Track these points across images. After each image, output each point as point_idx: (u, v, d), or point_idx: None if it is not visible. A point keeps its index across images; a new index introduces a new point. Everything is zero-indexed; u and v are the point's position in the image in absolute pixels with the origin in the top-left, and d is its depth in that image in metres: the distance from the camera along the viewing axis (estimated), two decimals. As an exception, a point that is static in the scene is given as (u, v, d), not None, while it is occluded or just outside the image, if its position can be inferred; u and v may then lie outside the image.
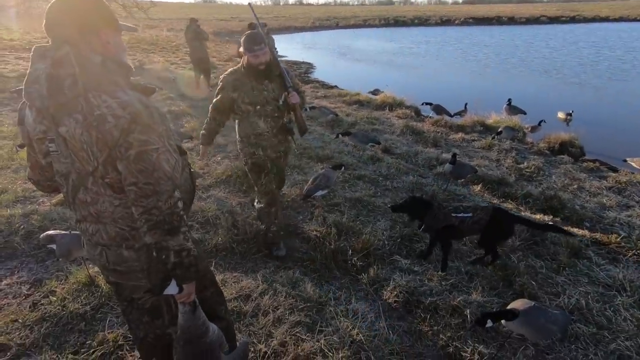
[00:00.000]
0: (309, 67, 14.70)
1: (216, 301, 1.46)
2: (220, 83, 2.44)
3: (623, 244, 2.91)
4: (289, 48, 7.14)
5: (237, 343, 1.55)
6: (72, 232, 2.22)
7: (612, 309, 2.19)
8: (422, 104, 7.30)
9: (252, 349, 1.83)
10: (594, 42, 20.99)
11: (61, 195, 3.40)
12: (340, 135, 5.06)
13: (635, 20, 38.20)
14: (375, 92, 8.91)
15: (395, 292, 2.27)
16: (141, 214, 0.99)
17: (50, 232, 2.24)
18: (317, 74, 13.19)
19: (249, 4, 2.92)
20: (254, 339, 1.92)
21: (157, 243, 1.01)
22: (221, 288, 1.59)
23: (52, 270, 2.45)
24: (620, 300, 2.25)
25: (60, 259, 2.36)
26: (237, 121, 2.54)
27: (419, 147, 5.25)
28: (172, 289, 1.04)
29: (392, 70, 14.29)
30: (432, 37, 25.91)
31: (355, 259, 2.58)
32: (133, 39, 16.84)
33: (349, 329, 2.01)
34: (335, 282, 2.44)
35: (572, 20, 39.07)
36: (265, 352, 1.83)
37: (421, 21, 39.47)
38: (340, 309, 2.17)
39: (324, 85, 10.69)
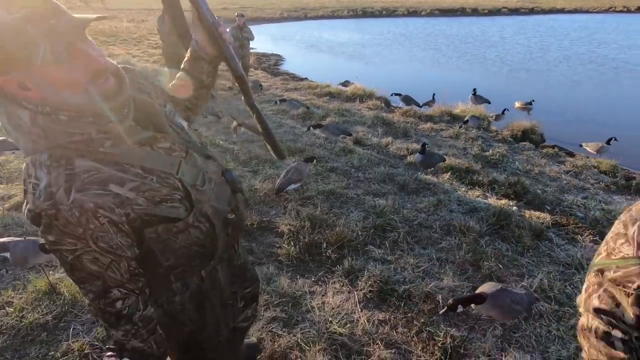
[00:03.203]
0: (279, 59, 14.48)
1: None
2: None
3: (580, 224, 3.08)
4: (258, 40, 7.03)
5: None
6: (27, 237, 2.08)
7: (571, 286, 2.33)
8: (392, 95, 7.39)
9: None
10: (547, 33, 21.98)
11: (16, 198, 3.13)
12: (311, 128, 5.03)
13: (587, 12, 40.34)
14: (345, 83, 8.92)
15: (370, 282, 2.30)
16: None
17: (3, 239, 2.09)
18: (286, 66, 13.03)
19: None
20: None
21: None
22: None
23: (8, 280, 2.30)
24: (578, 278, 2.39)
25: (16, 268, 2.21)
26: None
27: (390, 137, 5.32)
28: None
29: (362, 61, 14.35)
30: (400, 28, 26.20)
31: (329, 251, 2.59)
32: (90, 31, 15.90)
33: (325, 322, 2.02)
34: (310, 276, 2.44)
35: (531, 11, 40.70)
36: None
37: (389, 12, 39.80)
38: (316, 302, 2.17)
39: (294, 78, 10.57)
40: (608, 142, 5.28)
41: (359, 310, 2.13)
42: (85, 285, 0.83)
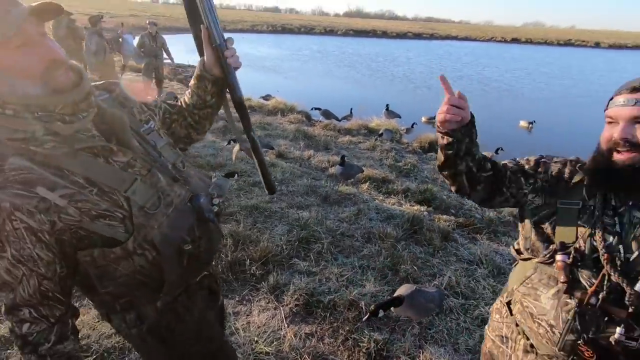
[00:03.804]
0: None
1: None
2: None
3: (478, 225, 3.50)
4: (173, 50, 6.69)
5: None
6: None
7: (474, 280, 2.61)
8: (312, 109, 7.61)
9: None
10: (444, 56, 24.97)
11: None
12: (232, 142, 4.91)
13: (475, 40, 46.88)
14: (266, 97, 8.93)
15: (295, 296, 2.29)
16: None
17: None
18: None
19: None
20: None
21: None
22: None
23: None
24: (479, 272, 2.69)
25: None
26: None
27: (312, 150, 5.45)
28: None
29: (282, 75, 14.55)
30: (317, 45, 27.25)
31: (254, 268, 2.52)
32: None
33: (251, 343, 1.94)
34: (234, 296, 2.34)
35: (431, 37, 45.86)
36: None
37: (307, 30, 41.23)
38: (241, 323, 2.08)
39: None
40: (496, 152, 6.11)
41: (286, 326, 2.10)
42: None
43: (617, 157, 0.86)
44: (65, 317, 0.80)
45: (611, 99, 0.90)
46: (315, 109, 7.40)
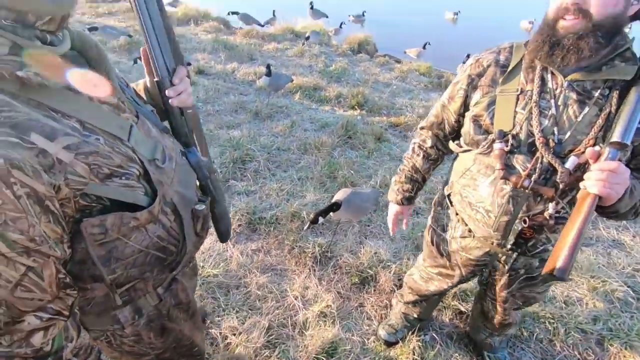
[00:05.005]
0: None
1: None
2: None
3: (409, 122, 3.60)
4: None
5: None
6: None
7: (406, 175, 2.77)
8: (228, 14, 6.73)
9: None
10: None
11: None
12: (139, 61, 4.26)
13: None
14: (174, 3, 7.67)
15: (237, 217, 2.27)
16: None
17: None
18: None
19: None
20: None
21: None
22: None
23: None
24: (411, 167, 2.85)
25: None
26: None
27: (235, 63, 4.96)
28: None
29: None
30: None
31: (189, 196, 2.40)
32: None
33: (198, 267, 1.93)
34: (172, 227, 2.25)
35: None
36: None
37: None
38: (184, 252, 2.04)
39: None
40: (424, 47, 6.09)
41: (231, 247, 2.11)
42: None
43: (562, 24, 0.83)
44: (75, 304, 0.60)
45: None
46: (233, 13, 6.55)
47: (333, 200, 1.84)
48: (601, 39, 0.81)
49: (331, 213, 1.82)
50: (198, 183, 0.84)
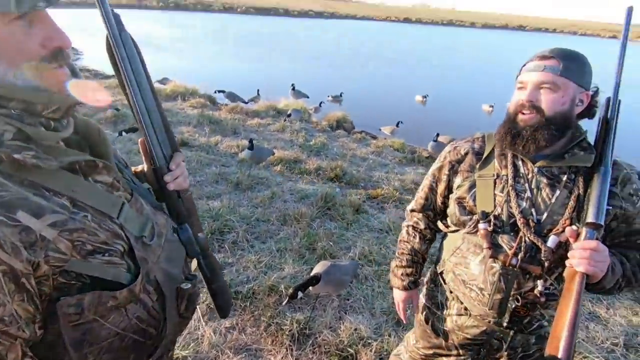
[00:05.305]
0: (75, 52, 12.00)
1: None
2: None
3: (385, 195, 3.74)
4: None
5: None
6: None
7: (384, 247, 2.79)
8: (215, 92, 7.18)
9: None
10: (343, 34, 25.80)
11: None
12: (124, 133, 4.38)
13: (372, 19, 49.27)
14: (163, 81, 8.14)
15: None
16: None
17: None
18: (87, 62, 10.92)
19: None
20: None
21: None
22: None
23: None
24: (389, 239, 2.89)
25: None
26: None
27: (218, 136, 5.16)
28: None
29: (178, 57, 13.41)
30: (215, 23, 25.67)
31: (162, 269, 2.31)
32: None
33: (165, 350, 1.79)
34: (141, 303, 2.12)
35: (332, 15, 46.71)
36: None
37: (204, 7, 38.45)
38: (152, 331, 1.90)
39: (98, 74, 8.98)
40: (397, 125, 6.57)
41: (203, 324, 1.99)
42: None
43: (520, 117, 0.96)
44: None
45: (524, 65, 0.99)
46: (219, 91, 7.00)
47: (312, 274, 1.82)
48: (555, 131, 0.94)
49: (310, 287, 1.79)
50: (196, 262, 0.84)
